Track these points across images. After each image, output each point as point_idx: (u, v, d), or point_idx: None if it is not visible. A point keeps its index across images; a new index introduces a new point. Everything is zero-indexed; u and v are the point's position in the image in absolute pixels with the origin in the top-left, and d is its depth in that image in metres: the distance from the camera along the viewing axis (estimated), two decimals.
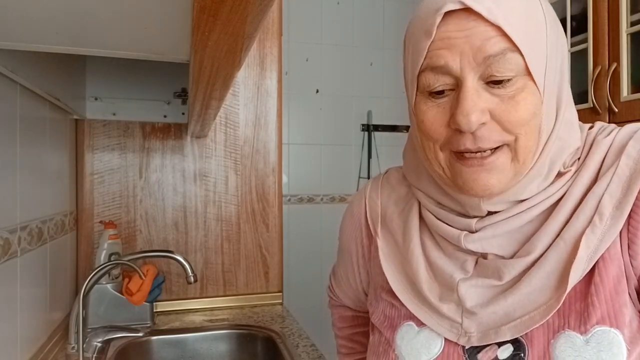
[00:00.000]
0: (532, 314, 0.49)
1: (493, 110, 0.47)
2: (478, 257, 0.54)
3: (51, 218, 1.12)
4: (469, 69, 0.47)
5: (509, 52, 0.46)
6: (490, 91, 0.47)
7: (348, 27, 2.60)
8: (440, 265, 0.56)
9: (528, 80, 0.47)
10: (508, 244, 0.52)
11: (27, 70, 0.86)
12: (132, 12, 0.53)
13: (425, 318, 0.56)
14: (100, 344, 1.23)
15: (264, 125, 1.60)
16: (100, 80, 1.41)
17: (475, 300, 0.52)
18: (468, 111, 0.46)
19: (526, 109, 0.47)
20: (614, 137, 0.53)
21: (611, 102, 1.37)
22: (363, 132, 2.62)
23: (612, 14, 1.38)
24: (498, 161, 0.49)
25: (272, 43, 1.61)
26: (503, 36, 0.46)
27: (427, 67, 0.49)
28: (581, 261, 0.47)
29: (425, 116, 0.51)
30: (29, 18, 0.56)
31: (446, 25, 0.47)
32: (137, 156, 1.48)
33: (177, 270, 1.49)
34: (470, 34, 0.46)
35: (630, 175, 0.49)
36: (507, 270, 0.51)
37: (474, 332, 0.52)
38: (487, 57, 0.46)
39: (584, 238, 0.47)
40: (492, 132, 0.48)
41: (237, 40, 0.52)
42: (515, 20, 0.46)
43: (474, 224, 0.53)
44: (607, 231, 0.47)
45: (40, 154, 1.05)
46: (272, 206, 1.61)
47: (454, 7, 0.46)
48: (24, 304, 0.93)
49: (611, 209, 0.48)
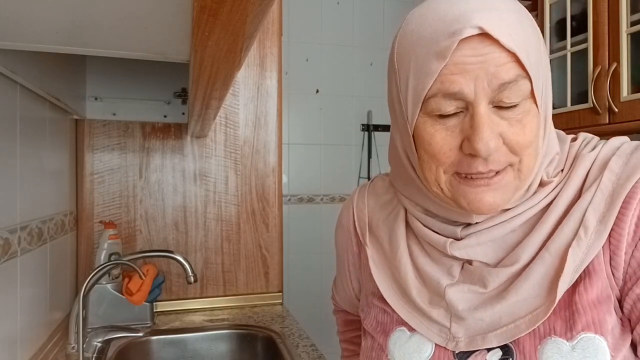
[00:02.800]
0: (518, 323, 0.50)
1: (504, 133, 0.48)
2: (464, 263, 0.56)
3: (51, 218, 1.12)
4: (482, 95, 0.46)
5: (521, 78, 0.47)
6: (499, 114, 0.48)
7: (348, 27, 2.60)
8: (428, 271, 0.57)
9: (532, 104, 0.49)
10: (492, 252, 0.54)
11: (27, 70, 0.86)
12: (132, 12, 0.53)
13: (415, 323, 0.57)
14: (100, 344, 1.23)
15: (264, 125, 1.60)
16: (100, 80, 1.41)
17: (461, 305, 0.53)
18: (487, 139, 0.46)
19: (531, 131, 0.48)
20: (598, 152, 0.53)
21: (611, 102, 1.37)
22: (363, 132, 2.62)
23: (612, 14, 1.38)
24: (503, 181, 0.50)
25: (272, 43, 1.61)
26: (516, 62, 0.46)
27: (438, 92, 0.48)
28: (568, 274, 0.49)
29: (433, 139, 0.50)
30: (29, 18, 0.56)
31: (461, 50, 0.46)
32: (137, 156, 1.48)
33: (177, 270, 1.49)
34: (485, 59, 0.46)
35: (612, 190, 0.50)
36: (492, 278, 0.52)
37: (461, 338, 0.53)
38: (503, 84, 0.46)
39: (571, 251, 0.49)
40: (501, 155, 0.48)
41: (237, 40, 0.52)
42: (525, 46, 0.47)
43: (459, 232, 0.54)
44: (592, 244, 0.49)
45: (40, 154, 1.05)
46: (272, 206, 1.61)
47: (473, 32, 0.45)
48: (24, 304, 0.93)
49: (595, 223, 0.49)
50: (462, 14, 0.46)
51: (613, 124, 1.40)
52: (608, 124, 1.41)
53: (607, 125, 1.41)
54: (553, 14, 1.65)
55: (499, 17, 0.46)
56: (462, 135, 0.48)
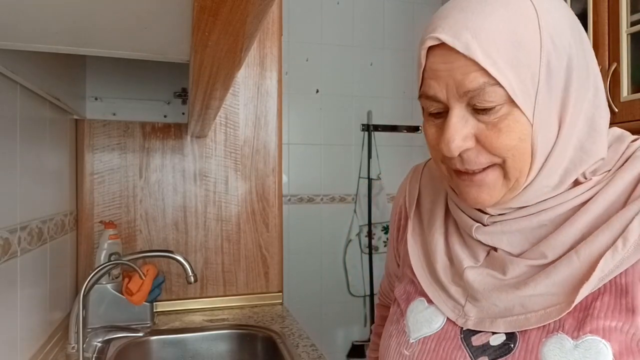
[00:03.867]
0: (529, 315, 0.51)
1: (479, 135, 0.49)
2: (490, 249, 0.57)
3: (51, 218, 1.12)
4: (454, 99, 0.49)
5: (487, 86, 0.47)
6: (476, 117, 0.49)
7: (348, 27, 2.60)
8: (456, 250, 0.59)
9: (513, 108, 0.48)
10: (518, 242, 0.54)
11: (27, 70, 0.86)
12: (132, 12, 0.53)
13: (433, 296, 0.60)
14: (100, 344, 1.23)
15: (264, 125, 1.60)
16: (100, 80, 1.41)
17: (479, 286, 0.55)
18: (448, 140, 0.49)
19: (509, 136, 0.48)
20: None
21: (611, 102, 1.37)
22: (363, 132, 2.62)
23: (612, 14, 1.38)
24: (487, 178, 0.51)
25: (272, 43, 1.61)
26: (482, 70, 0.46)
27: (422, 94, 0.52)
28: (593, 282, 0.47)
29: (427, 134, 0.54)
30: (29, 18, 0.56)
31: (433, 57, 0.50)
32: (137, 156, 1.48)
33: (177, 270, 1.49)
34: (452, 67, 0.48)
35: None
36: (512, 267, 0.53)
37: (472, 317, 0.55)
38: (467, 92, 0.47)
39: (603, 260, 0.47)
40: (478, 156, 0.50)
41: (237, 40, 0.52)
42: (497, 52, 0.46)
43: (486, 219, 0.55)
44: (627, 258, 0.46)
45: (40, 154, 1.05)
46: (272, 206, 1.61)
47: (433, 43, 0.49)
48: (24, 304, 0.93)
49: (637, 237, 0.46)
50: (435, 21, 0.50)
51: (613, 124, 1.39)
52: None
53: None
54: None
55: (465, 26, 0.47)
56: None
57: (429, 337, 0.58)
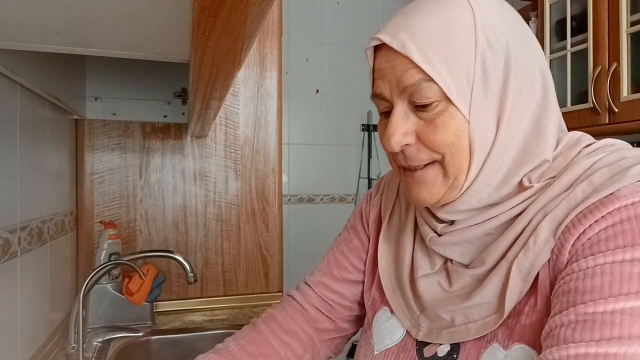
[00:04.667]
0: (468, 326, 0.52)
1: (418, 132, 0.51)
2: (446, 259, 0.57)
3: (51, 218, 1.12)
4: (396, 97, 0.52)
5: (423, 82, 0.49)
6: (417, 114, 0.51)
7: (348, 27, 2.60)
8: (418, 257, 0.60)
9: (449, 104, 0.49)
10: (468, 253, 0.54)
11: (27, 70, 0.86)
12: (132, 12, 0.53)
13: (394, 304, 0.61)
14: (100, 344, 1.23)
15: (264, 125, 1.60)
16: (100, 80, 1.41)
17: (428, 297, 0.56)
18: (389, 135, 0.51)
19: (445, 132, 0.50)
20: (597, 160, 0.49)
21: (611, 102, 1.37)
22: (363, 132, 2.62)
23: (612, 14, 1.38)
24: (427, 175, 0.52)
25: (272, 43, 1.61)
26: (417, 67, 0.49)
27: (372, 94, 0.56)
28: (515, 285, 0.48)
29: (379, 132, 0.57)
30: (29, 18, 0.56)
31: (379, 57, 0.53)
32: (137, 156, 1.48)
33: (177, 270, 1.49)
34: (393, 65, 0.51)
35: (580, 202, 0.46)
36: (457, 278, 0.54)
37: (424, 327, 0.57)
38: (405, 88, 0.50)
39: (516, 261, 0.48)
40: (419, 152, 0.52)
41: (237, 40, 0.52)
42: (432, 50, 0.48)
43: (439, 228, 0.56)
44: (538, 255, 0.47)
45: (40, 154, 1.05)
46: (272, 206, 1.61)
47: (375, 43, 0.52)
48: (24, 304, 0.93)
49: (547, 234, 0.47)
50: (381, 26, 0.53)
51: (613, 124, 1.40)
52: (608, 124, 1.41)
53: (607, 125, 1.41)
54: (553, 14, 1.65)
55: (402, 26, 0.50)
56: None
57: (390, 349, 0.60)
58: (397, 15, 0.53)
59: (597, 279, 0.42)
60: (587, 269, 0.43)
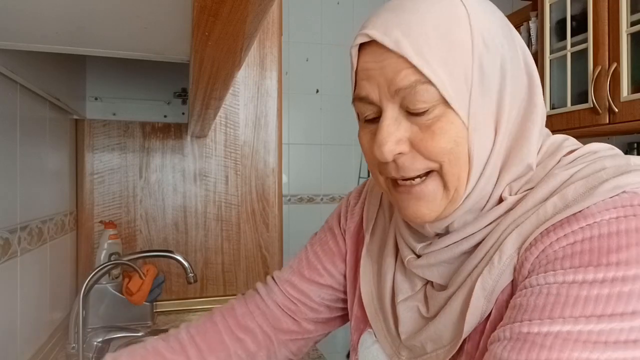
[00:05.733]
0: (438, 352, 0.50)
1: (412, 139, 0.46)
2: (427, 282, 0.54)
3: (51, 218, 1.12)
4: (386, 100, 0.47)
5: (419, 84, 0.44)
6: (410, 120, 0.46)
7: (348, 27, 2.60)
8: (398, 279, 0.56)
9: (447, 109, 0.45)
10: (447, 274, 0.51)
11: (27, 70, 0.86)
12: (132, 12, 0.53)
13: (377, 328, 0.58)
14: (100, 344, 1.23)
15: (264, 125, 1.60)
16: (100, 80, 1.41)
17: (406, 326, 0.54)
18: (381, 143, 0.46)
19: (443, 139, 0.45)
20: (575, 172, 0.46)
21: (611, 102, 1.37)
22: None
23: (612, 14, 1.38)
24: (427, 189, 0.47)
25: (272, 43, 1.61)
26: (413, 68, 0.44)
27: (356, 97, 0.51)
28: (477, 303, 0.46)
29: (362, 142, 0.52)
30: (29, 18, 0.56)
31: (364, 56, 0.48)
32: (137, 156, 1.48)
33: (177, 270, 1.49)
34: (383, 65, 0.46)
35: (550, 217, 0.43)
36: (433, 302, 0.51)
37: (403, 356, 0.54)
38: (398, 90, 0.45)
39: (480, 279, 0.46)
40: (414, 161, 0.47)
41: (237, 40, 0.52)
42: (429, 49, 0.44)
43: (418, 249, 0.53)
44: (504, 272, 0.45)
45: (40, 154, 1.05)
46: (272, 206, 1.61)
47: (363, 40, 0.48)
48: (24, 304, 0.93)
49: (512, 250, 0.45)
50: (365, 22, 0.48)
51: (613, 124, 1.40)
52: (608, 124, 1.41)
53: (607, 125, 1.42)
54: (553, 14, 1.65)
55: (396, 22, 0.45)
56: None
57: None
58: (385, 11, 0.47)
59: (541, 298, 0.41)
60: (537, 286, 0.42)
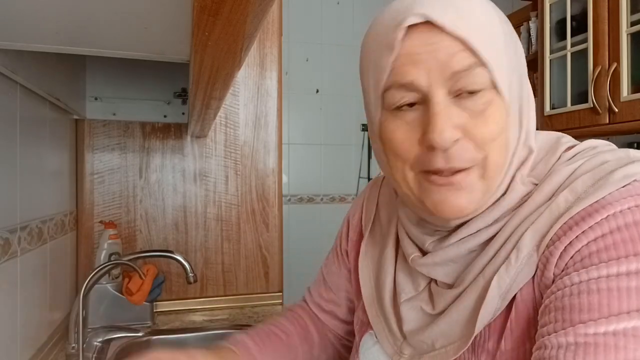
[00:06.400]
0: (447, 348, 0.49)
1: (464, 125, 0.45)
2: (431, 280, 0.54)
3: (51, 218, 1.12)
4: (437, 85, 0.45)
5: (476, 67, 0.44)
6: (460, 105, 0.45)
7: (348, 27, 2.60)
8: (399, 279, 0.56)
9: (495, 95, 0.46)
10: (453, 272, 0.51)
11: (27, 70, 0.86)
12: (132, 12, 0.53)
13: (377, 330, 0.58)
14: (100, 344, 1.23)
15: (264, 125, 1.60)
16: (100, 80, 1.41)
17: (411, 324, 0.53)
18: (441, 128, 0.44)
19: (495, 124, 0.45)
20: (578, 166, 0.47)
21: (611, 102, 1.37)
22: (363, 132, 2.62)
23: (612, 14, 1.38)
24: (467, 178, 0.46)
25: (272, 43, 1.61)
26: (468, 50, 0.44)
27: (392, 85, 0.47)
28: (492, 301, 0.45)
29: (394, 135, 0.48)
30: (29, 18, 0.56)
31: (410, 40, 0.45)
32: (137, 156, 1.48)
33: (177, 270, 1.49)
34: (435, 48, 0.44)
35: (563, 212, 0.44)
36: (439, 300, 0.51)
37: (406, 355, 0.54)
38: (455, 73, 0.44)
39: (496, 277, 0.45)
40: (464, 151, 0.45)
41: (237, 40, 0.52)
42: (480, 34, 0.44)
43: (427, 244, 0.53)
44: (521, 271, 0.45)
45: (40, 154, 1.05)
46: (272, 206, 1.61)
47: (416, 20, 0.44)
48: (24, 304, 0.93)
49: (530, 248, 0.44)
50: (409, 4, 0.46)
51: (613, 124, 1.40)
52: (608, 124, 1.41)
53: (607, 125, 1.42)
54: (553, 14, 1.65)
55: (448, 4, 0.44)
56: (421, 129, 0.46)
57: None
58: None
59: (593, 295, 0.39)
60: (580, 283, 0.41)
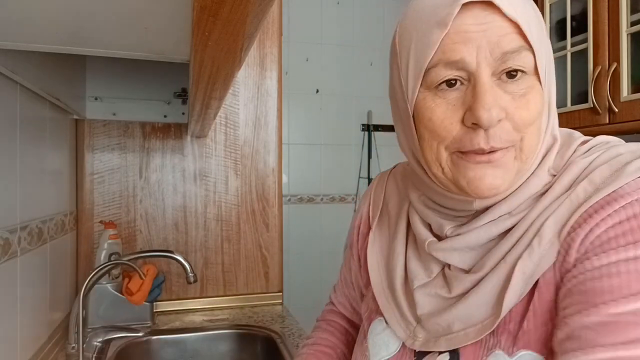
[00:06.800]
0: (467, 331, 0.50)
1: (507, 108, 0.46)
2: (444, 265, 0.55)
3: (51, 218, 1.12)
4: (485, 64, 0.46)
5: (523, 50, 0.46)
6: (503, 88, 0.46)
7: (348, 27, 2.60)
8: (411, 265, 0.57)
9: (535, 81, 0.47)
10: (469, 259, 0.52)
11: (27, 70, 0.86)
12: (132, 12, 0.53)
13: (388, 316, 0.59)
14: (100, 344, 1.23)
15: (264, 125, 1.60)
16: (100, 80, 1.41)
17: (425, 308, 0.54)
18: (490, 105, 0.45)
19: (535, 108, 0.47)
20: (594, 159, 0.49)
21: (611, 102, 1.37)
22: (363, 132, 2.62)
23: (612, 14, 1.38)
24: (504, 158, 0.47)
25: (272, 43, 1.61)
26: (518, 33, 0.45)
27: (439, 62, 0.47)
28: (516, 286, 0.47)
29: (433, 113, 0.48)
30: (29, 18, 0.56)
31: (463, 18, 0.45)
32: (137, 156, 1.48)
33: (177, 270, 1.49)
34: (487, 28, 0.45)
35: (583, 202, 0.46)
36: (457, 284, 0.52)
37: (420, 337, 0.54)
38: (505, 53, 0.45)
39: (520, 262, 0.47)
40: (504, 132, 0.46)
41: (237, 40, 0.52)
42: (527, 18, 0.46)
43: (446, 230, 0.53)
44: (544, 256, 0.46)
45: (40, 154, 1.05)
46: (272, 206, 1.61)
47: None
48: (24, 304, 0.93)
49: (551, 235, 0.46)
50: None
51: (613, 124, 1.40)
52: (608, 124, 1.41)
53: (607, 125, 1.41)
54: (553, 14, 1.65)
55: None
56: (464, 108, 0.47)
57: None
58: None
59: (613, 277, 0.42)
60: (601, 267, 0.43)
